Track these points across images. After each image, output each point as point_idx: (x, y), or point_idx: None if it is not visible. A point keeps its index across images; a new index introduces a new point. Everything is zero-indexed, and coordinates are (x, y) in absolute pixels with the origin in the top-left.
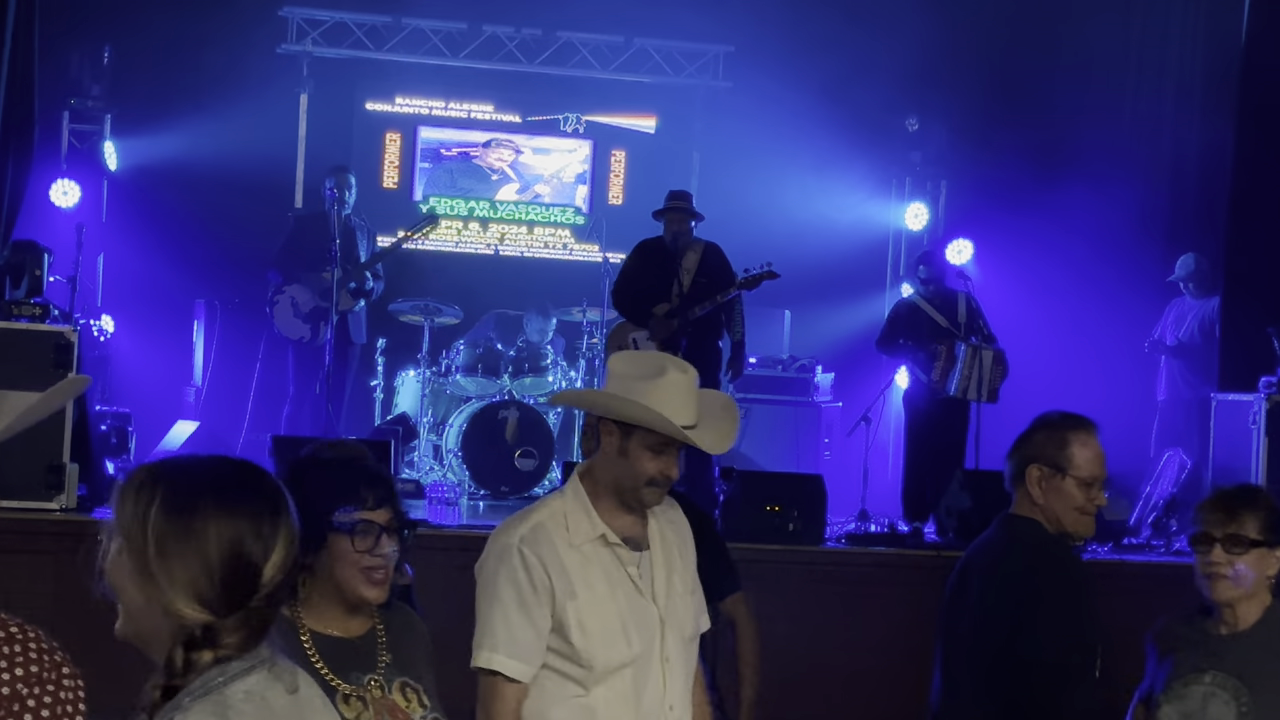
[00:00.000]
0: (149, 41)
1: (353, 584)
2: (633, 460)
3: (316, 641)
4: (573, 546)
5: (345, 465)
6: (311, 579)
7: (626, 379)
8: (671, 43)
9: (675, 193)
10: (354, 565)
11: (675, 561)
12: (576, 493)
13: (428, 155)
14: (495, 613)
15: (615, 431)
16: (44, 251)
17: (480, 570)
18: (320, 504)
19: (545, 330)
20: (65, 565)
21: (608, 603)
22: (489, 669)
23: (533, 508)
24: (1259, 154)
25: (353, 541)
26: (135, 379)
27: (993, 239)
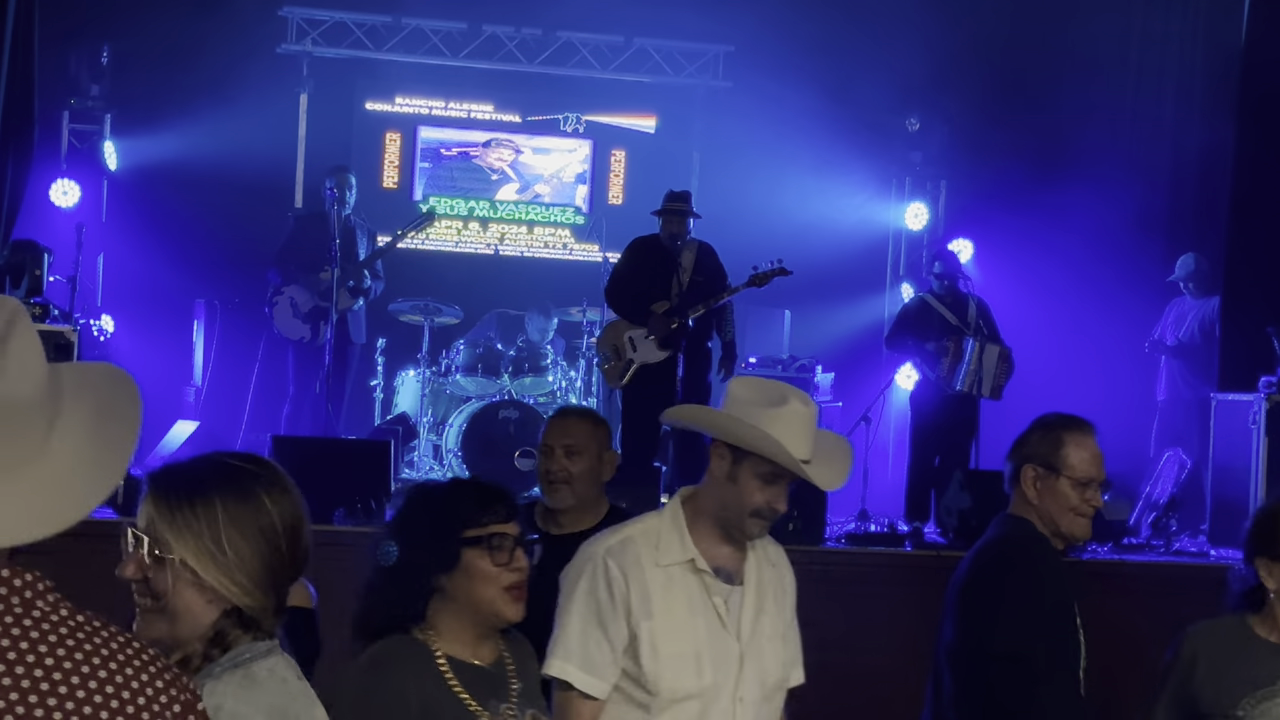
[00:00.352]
0: (149, 41)
1: (495, 604)
2: (741, 488)
3: (454, 667)
4: (659, 566)
5: (469, 483)
6: (443, 602)
7: (747, 404)
8: (671, 43)
9: (675, 193)
10: (494, 583)
11: (768, 603)
12: (674, 514)
13: (428, 155)
14: (572, 623)
15: (727, 456)
16: (44, 251)
17: (564, 578)
18: (452, 522)
19: (546, 330)
20: (65, 565)
21: (685, 629)
22: (562, 679)
23: (628, 523)
24: (1259, 154)
25: (491, 556)
26: (135, 379)
27: (993, 239)
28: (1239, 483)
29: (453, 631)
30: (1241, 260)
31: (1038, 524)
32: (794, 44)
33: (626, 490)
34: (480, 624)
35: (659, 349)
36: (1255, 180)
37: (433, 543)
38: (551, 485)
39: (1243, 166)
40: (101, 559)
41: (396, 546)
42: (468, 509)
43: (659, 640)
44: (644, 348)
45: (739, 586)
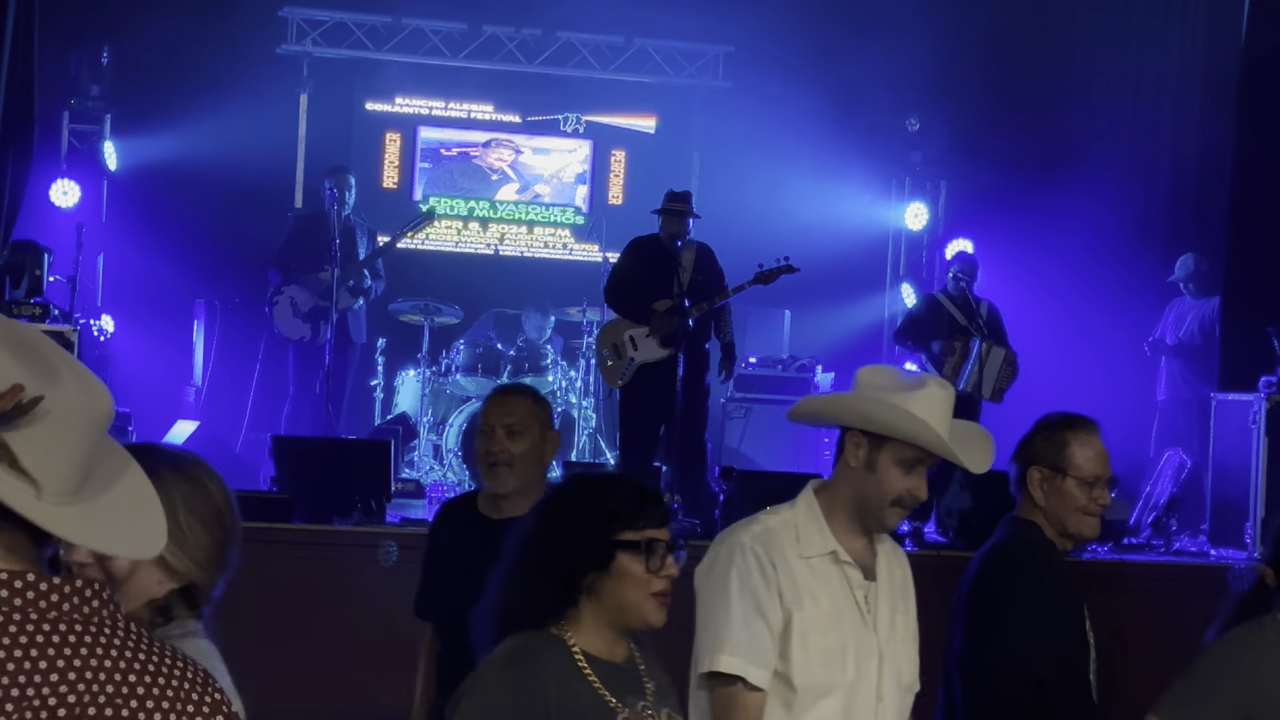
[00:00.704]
0: (149, 42)
1: (642, 608)
2: (880, 475)
3: (591, 664)
4: (802, 558)
5: (627, 483)
6: (586, 599)
7: (883, 389)
8: (671, 43)
9: (675, 193)
10: (644, 588)
11: (899, 601)
12: (809, 506)
13: (428, 155)
14: (731, 614)
15: (864, 444)
16: (44, 251)
17: (708, 573)
18: (608, 523)
19: (543, 328)
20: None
21: (832, 621)
22: (729, 674)
23: (760, 516)
24: (1259, 154)
25: (646, 562)
26: (135, 379)
27: (993, 239)
28: (1239, 483)
29: (591, 628)
30: (1241, 260)
31: (1045, 526)
32: (794, 44)
33: None
34: (621, 625)
35: (661, 347)
36: (1255, 181)
37: (586, 541)
38: (492, 468)
39: (1242, 167)
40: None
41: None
42: (625, 511)
43: (809, 631)
44: (645, 346)
45: (874, 582)
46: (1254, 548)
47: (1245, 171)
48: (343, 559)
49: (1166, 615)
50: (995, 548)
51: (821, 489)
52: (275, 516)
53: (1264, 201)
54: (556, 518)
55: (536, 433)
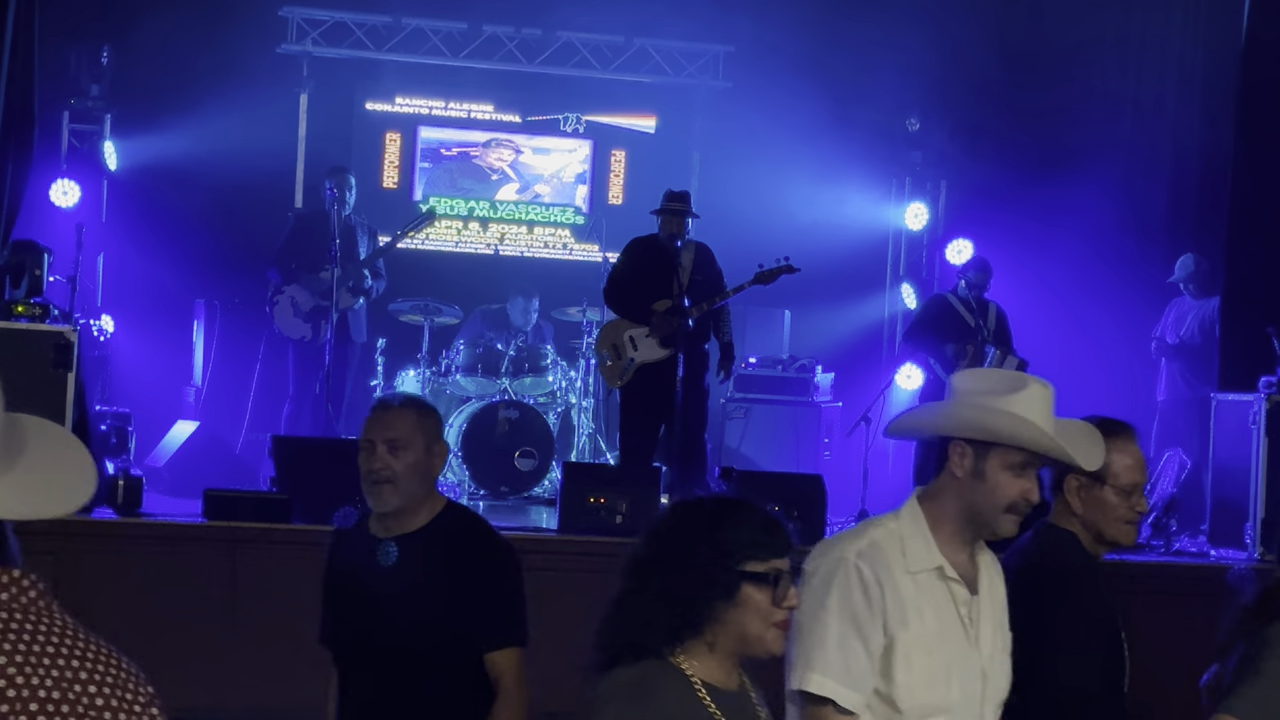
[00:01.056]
0: (149, 41)
1: (764, 639)
2: (990, 483)
3: (710, 693)
4: (909, 573)
5: (752, 510)
6: (707, 629)
7: (984, 395)
8: (671, 43)
9: (674, 193)
10: (767, 619)
11: (999, 615)
12: (915, 517)
13: (428, 155)
14: (827, 632)
15: (969, 452)
16: (44, 251)
17: (807, 584)
18: (734, 553)
19: (528, 310)
20: (65, 565)
21: (936, 640)
22: (820, 695)
23: (864, 527)
24: (1259, 154)
25: (773, 593)
26: (135, 379)
27: (993, 239)
28: (1239, 483)
29: (708, 657)
30: (1241, 260)
31: (1081, 533)
32: (794, 44)
33: (626, 490)
34: (740, 654)
35: (660, 347)
36: (1255, 180)
37: (711, 572)
38: (374, 486)
39: (1242, 167)
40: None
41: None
42: (752, 541)
43: (913, 651)
44: (644, 346)
45: (976, 596)
46: (1254, 548)
47: (1245, 171)
48: None
49: (1166, 616)
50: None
51: (926, 499)
52: (275, 517)
53: (1264, 201)
54: (679, 545)
55: (421, 447)
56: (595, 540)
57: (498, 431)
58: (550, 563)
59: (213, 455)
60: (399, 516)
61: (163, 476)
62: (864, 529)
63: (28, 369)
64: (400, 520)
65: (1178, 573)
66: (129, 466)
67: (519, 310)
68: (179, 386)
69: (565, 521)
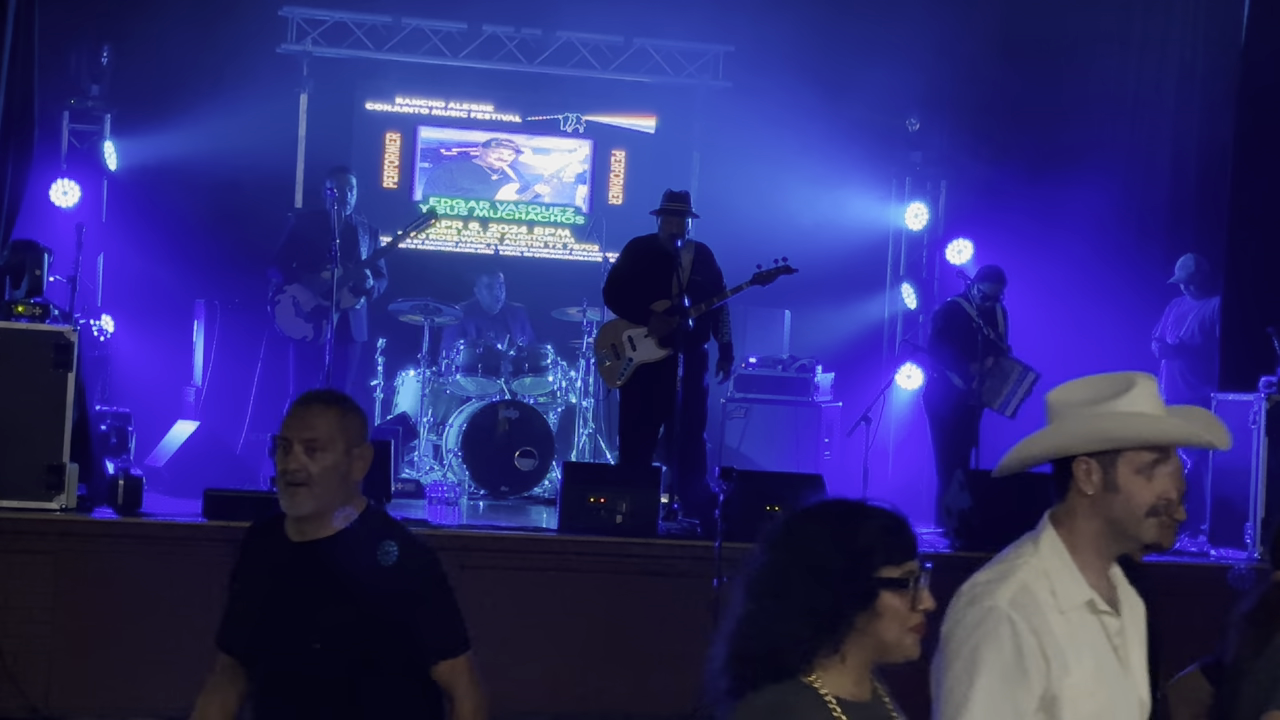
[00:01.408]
0: (149, 41)
1: (901, 644)
2: (1125, 492)
3: (845, 709)
4: (1062, 613)
5: (882, 513)
6: (848, 641)
7: (1093, 403)
8: (671, 43)
9: (674, 193)
10: (904, 624)
11: (1142, 632)
12: (1054, 547)
13: (428, 155)
14: (975, 690)
15: (1094, 466)
16: (44, 251)
17: (951, 635)
18: (870, 559)
19: (493, 286)
20: (65, 565)
21: (1096, 680)
22: None
23: (1006, 568)
24: (1258, 155)
25: (913, 596)
26: (135, 379)
27: (993, 239)
28: (1239, 483)
29: (841, 670)
30: (1241, 260)
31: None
32: (794, 44)
33: (626, 490)
34: (873, 663)
35: (659, 347)
36: (1255, 180)
37: (848, 580)
38: (288, 488)
39: (1242, 167)
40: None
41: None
42: (886, 545)
43: (1078, 698)
44: (643, 347)
45: (1119, 619)
46: (1254, 548)
47: (1245, 171)
48: None
49: (1166, 615)
50: None
51: (1059, 524)
52: None
53: (1264, 202)
54: (808, 556)
55: (341, 449)
56: (595, 540)
57: (498, 431)
58: (550, 563)
59: (213, 455)
60: (314, 520)
61: (163, 476)
62: (1007, 570)
63: (28, 369)
64: (316, 524)
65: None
66: (129, 466)
67: (483, 288)
68: (179, 386)
69: (565, 521)
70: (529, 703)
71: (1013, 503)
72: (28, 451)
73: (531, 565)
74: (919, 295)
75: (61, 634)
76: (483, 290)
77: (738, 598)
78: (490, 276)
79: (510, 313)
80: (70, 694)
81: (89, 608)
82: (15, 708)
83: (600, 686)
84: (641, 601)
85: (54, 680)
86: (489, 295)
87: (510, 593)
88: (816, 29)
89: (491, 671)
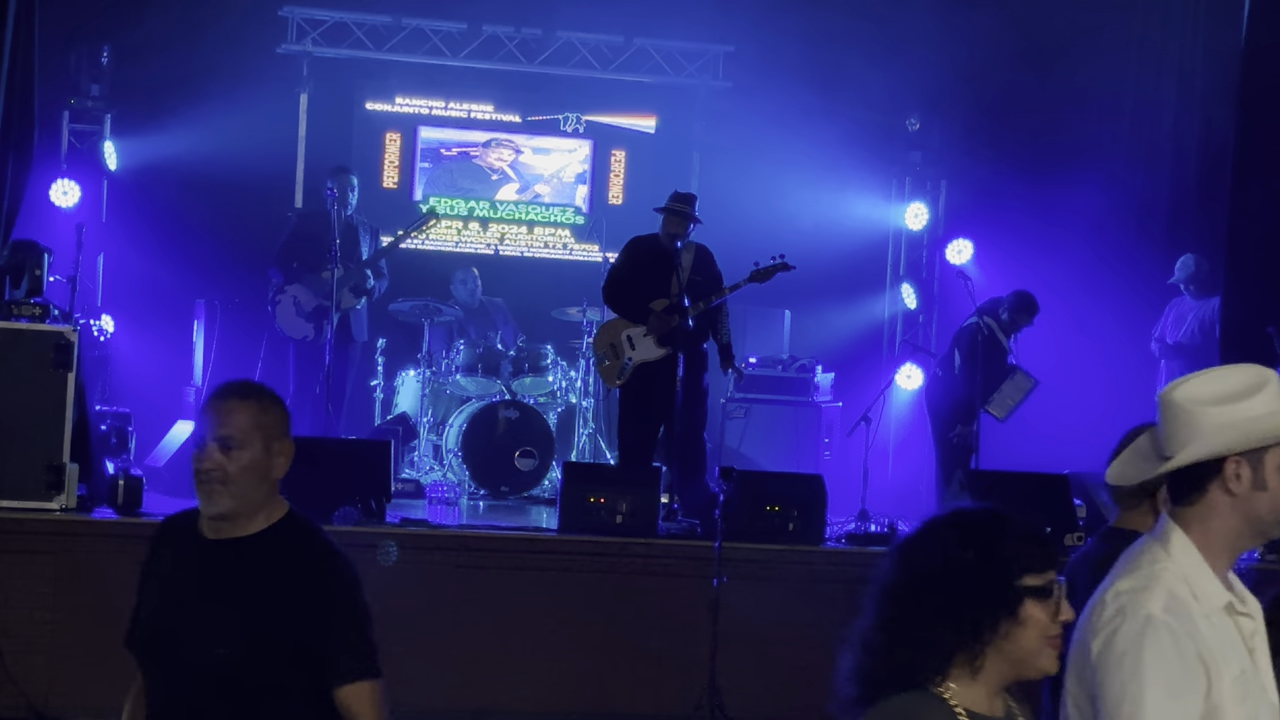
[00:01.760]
0: (149, 41)
1: (1039, 656)
2: (1274, 488)
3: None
4: (1206, 617)
5: (1021, 522)
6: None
7: (1226, 401)
8: (671, 43)
9: (681, 194)
10: (1043, 635)
11: (1264, 630)
12: (1186, 550)
13: (428, 155)
14: (1144, 703)
15: (1245, 465)
16: (44, 251)
17: (1109, 648)
18: (1011, 568)
19: (467, 281)
20: (65, 565)
21: (1240, 685)
22: None
23: (1145, 574)
24: (1259, 155)
25: (1056, 606)
26: (135, 379)
27: (993, 239)
28: None
29: (973, 683)
30: (1241, 260)
31: None
32: (794, 44)
33: (626, 490)
34: (1012, 676)
35: (657, 346)
36: (1255, 180)
37: (992, 590)
38: (203, 486)
39: (1243, 167)
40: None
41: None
42: (1029, 554)
43: (1227, 704)
44: (642, 346)
45: (1254, 620)
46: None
47: (1246, 171)
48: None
49: None
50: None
51: (1188, 524)
52: None
53: (1264, 202)
54: (951, 564)
55: (259, 445)
56: (595, 540)
57: (498, 431)
58: (550, 563)
59: None
60: (231, 519)
61: (163, 476)
62: (1149, 577)
63: (28, 369)
64: (233, 524)
65: None
66: (129, 466)
67: (458, 284)
68: (179, 386)
69: (565, 521)
70: (529, 702)
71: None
72: (28, 451)
73: (531, 565)
74: (919, 295)
75: (61, 634)
76: (458, 286)
77: (869, 606)
78: (464, 271)
79: (492, 307)
80: (70, 694)
81: (89, 608)
82: (15, 708)
83: (600, 686)
84: (641, 601)
85: (54, 680)
86: (464, 290)
87: (510, 593)
88: (816, 29)
89: (491, 671)
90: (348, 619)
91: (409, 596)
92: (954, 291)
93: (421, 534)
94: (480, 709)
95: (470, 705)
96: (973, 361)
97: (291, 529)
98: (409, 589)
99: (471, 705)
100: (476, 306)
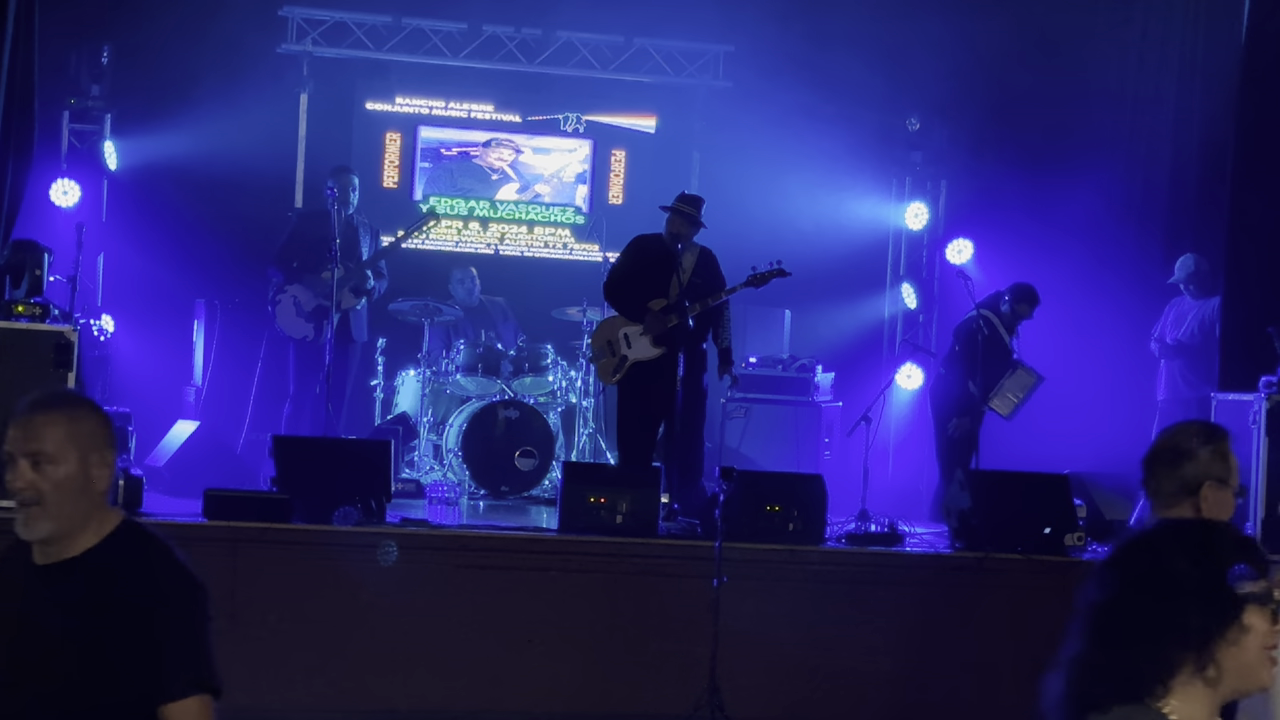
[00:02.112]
0: (149, 41)
1: (1257, 668)
2: None
3: None
4: None
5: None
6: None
7: None
8: (671, 43)
9: (689, 196)
10: (1263, 643)
11: None
12: None
13: (428, 155)
14: None
15: None
16: (44, 251)
17: None
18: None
19: (465, 280)
20: None
21: None
22: None
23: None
24: (1259, 154)
25: (1274, 615)
26: (135, 379)
27: (993, 239)
28: None
29: (1196, 698)
30: (1241, 260)
31: None
32: (795, 44)
33: (626, 490)
34: (1231, 691)
35: (653, 346)
36: (1256, 180)
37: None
38: (20, 509)
39: (1243, 167)
40: None
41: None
42: (1249, 562)
43: None
44: (638, 344)
45: None
46: None
47: (1245, 171)
48: (343, 559)
49: None
50: None
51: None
52: (275, 516)
53: (1264, 201)
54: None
55: (74, 459)
56: (595, 540)
57: (498, 431)
58: (550, 563)
59: (213, 455)
60: (56, 541)
61: (163, 476)
62: None
63: (28, 369)
64: (60, 545)
65: None
66: (129, 466)
67: (456, 283)
68: (179, 386)
69: (565, 521)
70: (529, 703)
71: (1013, 503)
72: None
73: (531, 565)
74: (919, 295)
75: None
76: (456, 285)
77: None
78: (462, 271)
79: (492, 306)
80: None
81: None
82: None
83: (600, 687)
84: (641, 601)
85: None
86: (462, 290)
87: (510, 593)
88: (817, 29)
89: (491, 671)
90: (178, 630)
91: (409, 596)
92: (954, 291)
93: (421, 534)
94: (480, 709)
95: (470, 705)
96: (971, 354)
97: (125, 540)
98: (409, 589)
99: (471, 705)
100: (475, 306)
